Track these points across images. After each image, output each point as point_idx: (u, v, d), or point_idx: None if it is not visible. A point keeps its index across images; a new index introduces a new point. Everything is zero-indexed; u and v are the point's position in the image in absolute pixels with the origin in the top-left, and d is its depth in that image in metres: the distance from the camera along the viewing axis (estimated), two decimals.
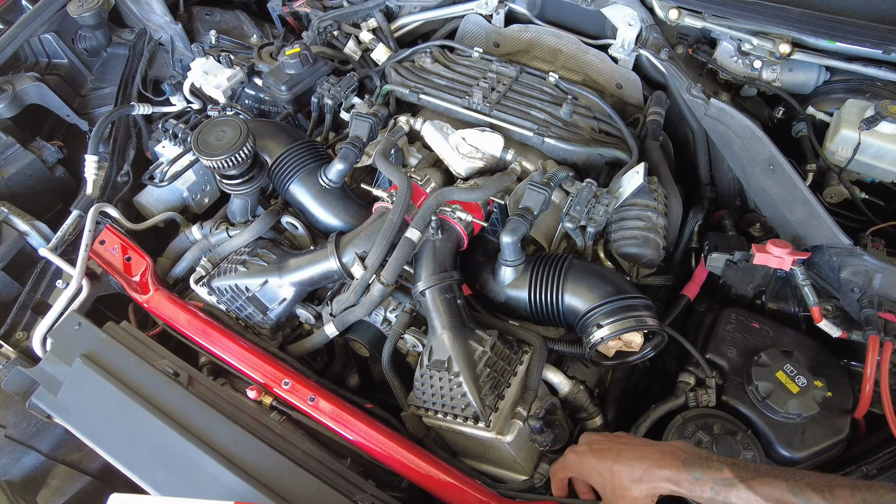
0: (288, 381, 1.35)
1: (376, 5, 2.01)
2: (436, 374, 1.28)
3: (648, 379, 1.59)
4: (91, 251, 1.53)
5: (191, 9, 2.22)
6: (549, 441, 1.21)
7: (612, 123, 1.64)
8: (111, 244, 1.55)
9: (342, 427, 1.29)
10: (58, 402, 1.39)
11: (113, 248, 1.54)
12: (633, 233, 1.42)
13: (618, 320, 1.23)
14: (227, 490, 1.20)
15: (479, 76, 1.73)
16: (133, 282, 1.51)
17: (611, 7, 1.69)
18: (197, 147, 1.35)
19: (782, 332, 1.39)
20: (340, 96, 1.75)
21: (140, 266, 1.52)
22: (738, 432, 1.22)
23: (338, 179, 1.53)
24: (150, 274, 1.50)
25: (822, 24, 1.49)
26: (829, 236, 1.36)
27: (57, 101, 1.94)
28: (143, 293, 1.49)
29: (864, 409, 1.26)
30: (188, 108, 1.94)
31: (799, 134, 1.61)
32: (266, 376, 1.36)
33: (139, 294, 1.49)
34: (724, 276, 1.48)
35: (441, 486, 1.21)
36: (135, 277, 1.52)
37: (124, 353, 1.40)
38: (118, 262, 1.54)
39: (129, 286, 1.50)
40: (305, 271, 1.46)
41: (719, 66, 1.65)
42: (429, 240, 1.40)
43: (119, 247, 1.54)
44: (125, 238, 1.56)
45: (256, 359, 1.38)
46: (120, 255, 1.54)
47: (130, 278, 1.52)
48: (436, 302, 1.34)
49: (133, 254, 1.55)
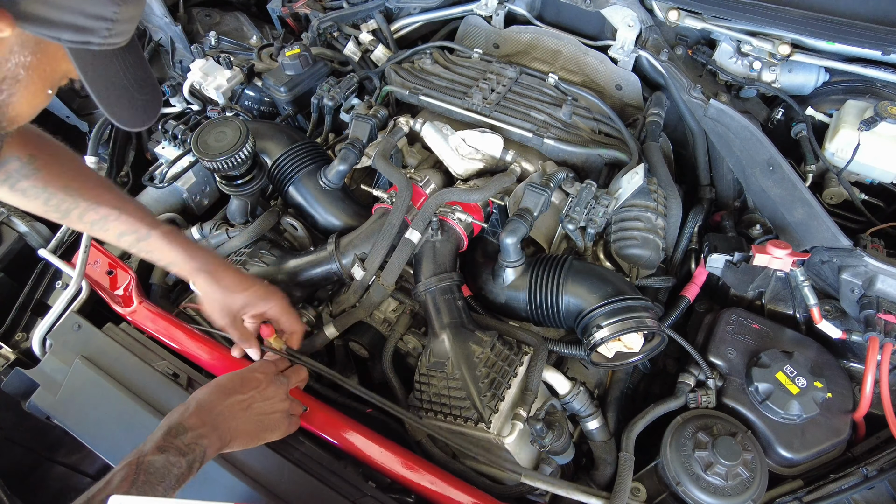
0: None
1: (376, 6, 2.02)
2: (436, 376, 1.28)
3: (648, 380, 1.59)
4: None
5: (190, 10, 2.22)
6: (550, 442, 1.21)
7: (612, 124, 1.64)
8: (93, 258, 1.54)
9: (337, 438, 1.29)
10: (57, 403, 1.39)
11: (95, 263, 1.54)
12: (632, 234, 1.42)
13: (618, 321, 1.23)
14: (227, 491, 1.20)
15: (479, 77, 1.73)
16: (116, 296, 1.50)
17: (610, 8, 1.69)
18: (197, 148, 1.35)
19: (782, 332, 1.39)
20: (340, 97, 1.75)
21: (124, 280, 1.51)
22: (738, 433, 1.22)
23: (337, 180, 1.53)
24: (133, 287, 1.48)
25: (822, 25, 1.49)
26: (828, 237, 1.36)
27: (56, 102, 1.94)
28: (125, 306, 1.48)
29: (864, 411, 1.27)
30: (188, 110, 1.94)
31: (798, 135, 1.61)
32: None
33: (122, 307, 1.48)
34: (724, 277, 1.48)
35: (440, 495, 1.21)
36: (118, 291, 1.51)
37: (124, 355, 1.40)
38: (100, 277, 1.53)
39: (113, 300, 1.49)
40: (305, 272, 1.46)
41: (719, 68, 1.65)
42: (429, 241, 1.40)
43: (102, 261, 1.54)
44: (110, 254, 1.55)
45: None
46: (102, 269, 1.53)
47: (113, 292, 1.51)
48: (436, 303, 1.34)
49: (118, 270, 1.54)
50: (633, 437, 1.28)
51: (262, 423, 1.14)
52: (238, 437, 1.10)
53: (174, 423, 1.04)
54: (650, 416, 1.31)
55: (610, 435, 1.35)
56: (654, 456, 1.27)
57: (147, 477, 0.96)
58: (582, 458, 1.41)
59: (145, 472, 0.96)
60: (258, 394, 1.15)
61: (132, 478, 0.95)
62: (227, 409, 1.10)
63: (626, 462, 1.25)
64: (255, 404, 1.14)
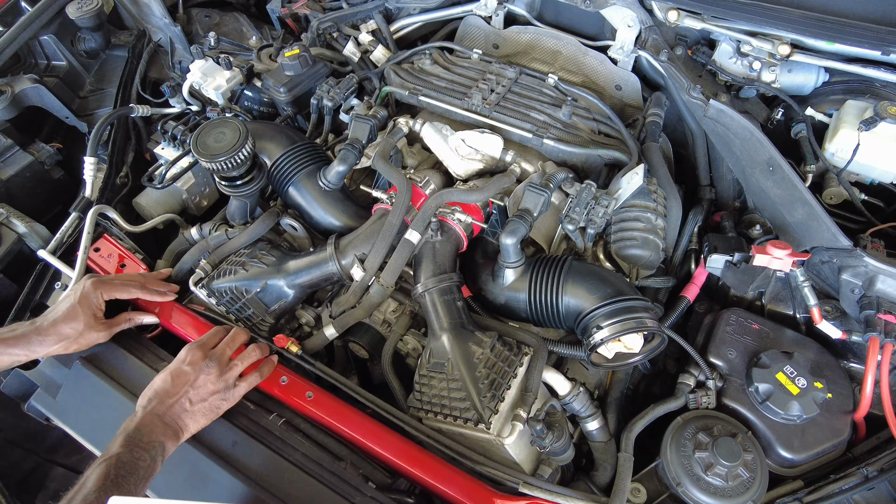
0: (285, 378, 1.35)
1: (375, 7, 2.01)
2: (436, 376, 1.28)
3: (648, 381, 1.59)
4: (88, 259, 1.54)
5: (190, 11, 2.22)
6: (550, 443, 1.21)
7: (612, 125, 1.64)
8: (106, 252, 1.56)
9: (341, 422, 1.30)
10: (57, 405, 1.39)
11: (108, 257, 1.55)
12: (632, 234, 1.42)
13: (617, 322, 1.23)
14: (227, 492, 1.20)
15: (479, 78, 1.73)
16: None
17: (610, 8, 1.69)
18: (196, 149, 1.35)
19: (782, 333, 1.39)
20: (340, 98, 1.75)
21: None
22: (738, 434, 1.22)
23: (337, 181, 1.53)
24: None
25: (821, 25, 1.49)
26: (828, 237, 1.36)
27: (56, 103, 1.93)
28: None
29: (864, 411, 1.26)
30: (187, 110, 1.94)
31: (798, 135, 1.61)
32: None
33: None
34: (724, 277, 1.48)
35: (442, 482, 1.22)
36: None
37: (123, 356, 1.40)
38: (112, 270, 1.55)
39: None
40: (305, 273, 1.46)
41: (718, 68, 1.65)
42: (428, 241, 1.40)
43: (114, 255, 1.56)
44: (123, 248, 1.56)
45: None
46: (114, 262, 1.55)
47: None
48: (435, 304, 1.34)
49: (129, 262, 1.56)
50: (633, 438, 1.28)
51: (202, 409, 1.25)
52: (188, 427, 1.23)
53: (130, 429, 1.15)
54: (650, 416, 1.31)
55: (610, 436, 1.35)
56: (654, 457, 1.27)
57: (118, 471, 1.06)
58: (582, 458, 1.41)
59: (115, 467, 1.06)
60: (190, 387, 1.25)
61: (105, 474, 1.05)
62: (167, 409, 1.22)
63: (625, 463, 1.25)
64: (188, 396, 1.25)
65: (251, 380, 1.32)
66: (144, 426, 1.16)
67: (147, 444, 1.13)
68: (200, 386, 1.26)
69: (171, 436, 1.18)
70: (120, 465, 1.07)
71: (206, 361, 1.28)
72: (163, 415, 1.20)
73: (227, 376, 1.29)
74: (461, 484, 1.20)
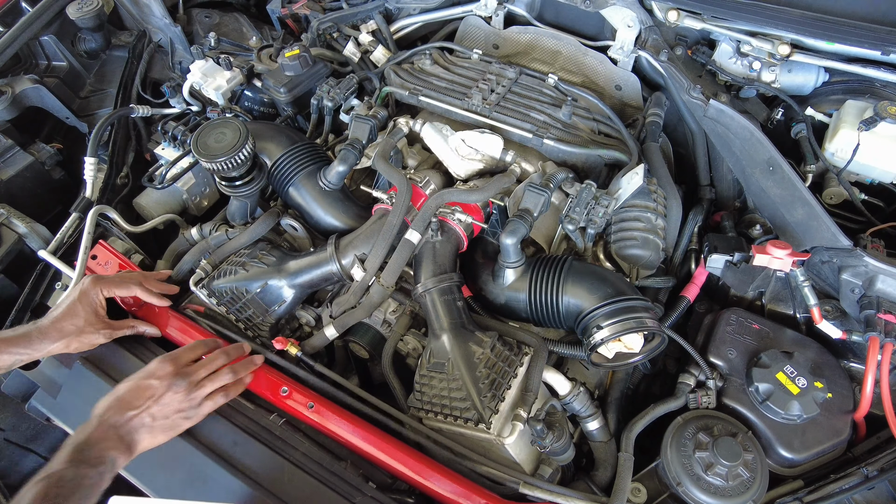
0: (286, 389, 1.35)
1: (375, 7, 2.02)
2: (436, 376, 1.28)
3: (648, 380, 1.59)
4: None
5: (190, 11, 2.22)
6: (550, 443, 1.21)
7: (612, 125, 1.64)
8: (103, 259, 1.56)
9: (343, 434, 1.29)
10: (57, 405, 1.39)
11: (106, 264, 1.55)
12: (632, 234, 1.42)
13: (618, 322, 1.23)
14: (226, 492, 1.20)
15: (479, 78, 1.73)
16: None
17: (610, 8, 1.69)
18: (196, 149, 1.35)
19: (782, 333, 1.39)
20: (340, 98, 1.75)
21: None
22: (738, 433, 1.22)
23: (337, 181, 1.53)
24: None
25: (822, 25, 1.49)
26: (828, 237, 1.36)
27: (56, 103, 1.94)
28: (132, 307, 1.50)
29: (864, 411, 1.26)
30: (188, 111, 1.94)
31: (798, 135, 1.61)
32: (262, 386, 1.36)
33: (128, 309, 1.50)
34: (724, 277, 1.48)
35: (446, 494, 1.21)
36: None
37: (123, 356, 1.40)
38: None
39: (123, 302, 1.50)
40: (305, 273, 1.46)
41: (718, 68, 1.65)
42: (428, 241, 1.40)
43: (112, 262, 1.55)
44: (119, 254, 1.56)
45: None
46: (112, 269, 1.55)
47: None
48: (436, 304, 1.34)
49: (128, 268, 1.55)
50: (633, 438, 1.28)
51: (162, 426, 1.20)
52: (142, 443, 1.17)
53: (80, 441, 1.09)
54: (650, 416, 1.31)
55: (610, 435, 1.35)
56: (654, 456, 1.27)
57: (59, 490, 1.00)
58: (582, 458, 1.41)
59: (56, 485, 1.00)
60: (153, 402, 1.19)
61: (44, 492, 0.99)
62: (125, 421, 1.16)
63: (626, 462, 1.25)
64: (151, 411, 1.19)
65: (217, 399, 1.27)
66: (96, 439, 1.11)
67: (96, 459, 1.08)
68: (166, 403, 1.20)
69: (123, 450, 1.13)
70: (61, 483, 1.02)
71: (177, 379, 1.23)
72: (119, 427, 1.15)
73: (194, 395, 1.24)
74: (466, 496, 1.20)
